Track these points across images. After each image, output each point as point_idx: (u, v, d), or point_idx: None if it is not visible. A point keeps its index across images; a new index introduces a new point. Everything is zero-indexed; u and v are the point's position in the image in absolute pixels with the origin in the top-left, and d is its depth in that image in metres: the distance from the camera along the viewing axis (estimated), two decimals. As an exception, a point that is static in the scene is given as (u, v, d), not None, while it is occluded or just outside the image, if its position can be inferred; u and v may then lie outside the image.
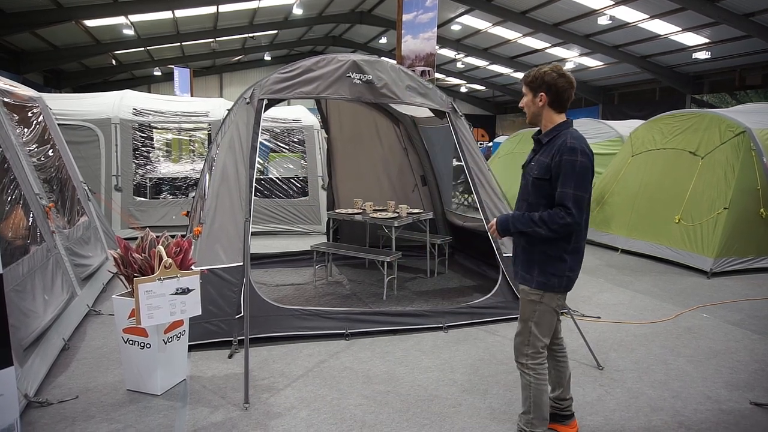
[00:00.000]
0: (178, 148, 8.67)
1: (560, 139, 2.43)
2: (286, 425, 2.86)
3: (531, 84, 2.52)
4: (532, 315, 2.52)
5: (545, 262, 2.48)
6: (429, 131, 6.51)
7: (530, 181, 2.51)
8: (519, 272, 2.61)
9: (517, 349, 2.58)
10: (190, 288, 3.17)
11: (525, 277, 2.56)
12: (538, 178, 2.45)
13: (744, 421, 2.96)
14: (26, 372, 2.98)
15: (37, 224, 3.84)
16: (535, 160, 2.54)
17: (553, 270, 2.47)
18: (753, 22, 13.37)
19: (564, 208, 2.35)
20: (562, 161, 2.36)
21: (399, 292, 5.23)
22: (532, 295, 2.52)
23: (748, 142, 6.36)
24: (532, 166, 2.54)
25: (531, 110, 2.56)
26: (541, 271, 2.49)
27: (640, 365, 3.72)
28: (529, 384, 2.53)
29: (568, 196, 2.35)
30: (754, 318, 4.79)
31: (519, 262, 2.62)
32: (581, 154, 2.37)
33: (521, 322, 2.58)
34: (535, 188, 2.48)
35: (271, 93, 4.17)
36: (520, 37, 18.72)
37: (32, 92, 5.00)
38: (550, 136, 2.50)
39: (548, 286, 2.48)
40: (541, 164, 2.46)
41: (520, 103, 2.64)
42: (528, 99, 2.56)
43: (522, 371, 2.56)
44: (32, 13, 13.50)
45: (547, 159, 2.44)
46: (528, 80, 2.54)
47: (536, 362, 2.52)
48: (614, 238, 7.61)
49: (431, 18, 10.17)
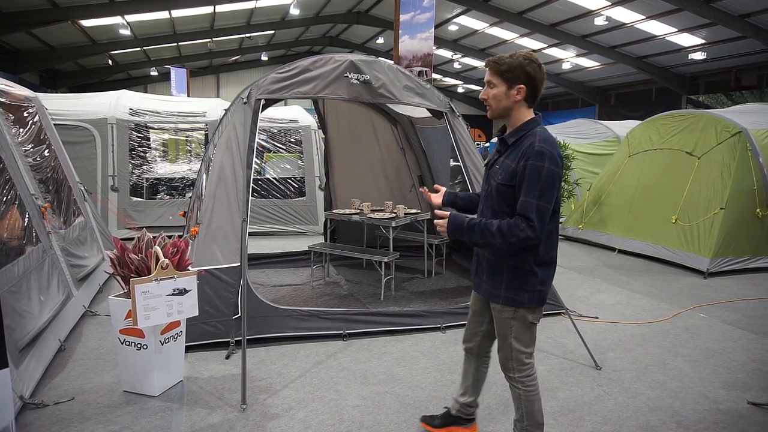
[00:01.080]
0: (174, 148, 8.64)
1: (528, 140, 2.17)
2: (283, 426, 2.85)
3: (507, 74, 2.20)
4: (510, 331, 2.32)
5: (513, 277, 2.26)
6: (426, 131, 6.50)
7: (494, 186, 2.26)
8: (483, 285, 2.39)
9: (503, 362, 2.41)
10: (187, 289, 3.15)
11: (492, 293, 2.32)
12: (503, 184, 2.20)
13: (742, 421, 2.97)
14: (22, 373, 2.95)
15: (32, 225, 3.82)
16: (499, 162, 2.27)
17: (522, 285, 2.25)
18: (748, 23, 13.42)
19: (526, 219, 2.09)
20: (528, 166, 2.11)
21: (397, 293, 5.22)
22: (504, 312, 2.31)
23: (744, 143, 6.38)
24: (496, 170, 2.27)
25: (502, 104, 2.24)
26: (508, 287, 2.27)
27: (637, 365, 3.72)
28: (519, 396, 2.39)
29: (532, 207, 2.09)
30: (751, 318, 4.81)
31: (483, 273, 2.39)
32: (549, 160, 2.10)
33: (500, 338, 2.38)
34: (500, 195, 2.23)
35: (268, 93, 4.15)
36: (517, 38, 18.74)
37: (28, 92, 4.98)
38: (517, 135, 2.23)
39: (518, 302, 2.26)
40: (506, 168, 2.21)
41: (482, 95, 2.28)
42: (500, 91, 2.22)
43: (511, 384, 2.42)
44: (28, 13, 13.44)
45: (512, 163, 2.18)
46: (502, 69, 2.20)
47: (523, 374, 2.36)
48: (611, 239, 7.61)
49: (428, 18, 10.17)
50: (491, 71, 2.23)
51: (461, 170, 4.77)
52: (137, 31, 17.44)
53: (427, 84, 4.75)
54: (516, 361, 2.35)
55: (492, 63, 2.23)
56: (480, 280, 2.42)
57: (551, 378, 3.48)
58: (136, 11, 15.26)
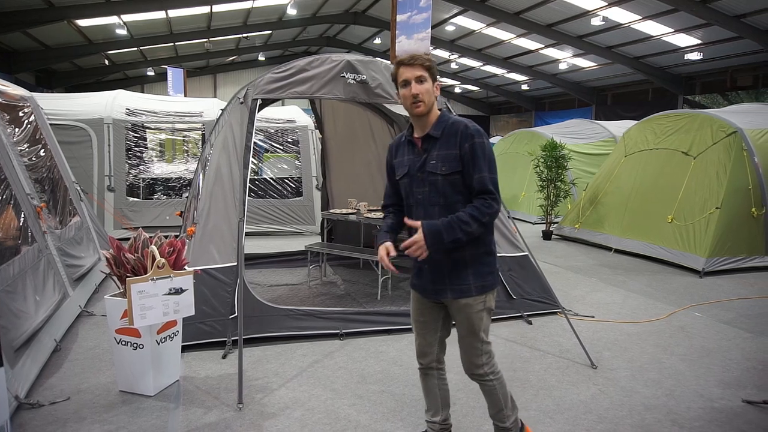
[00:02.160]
0: (171, 148, 8.63)
1: (456, 126, 2.20)
2: (279, 425, 2.85)
3: (432, 70, 2.21)
4: (480, 324, 2.26)
5: (477, 263, 2.24)
6: (423, 131, 6.50)
7: (439, 180, 2.20)
8: (447, 289, 2.25)
9: (470, 363, 2.32)
10: (184, 288, 3.15)
11: (462, 290, 2.23)
12: (450, 173, 2.17)
13: (736, 419, 2.98)
14: (17, 373, 2.95)
15: (28, 224, 3.81)
16: (433, 157, 2.21)
17: (486, 269, 2.26)
18: (744, 23, 13.48)
19: (488, 194, 2.15)
20: (475, 145, 2.15)
21: (393, 292, 5.23)
22: (477, 304, 2.24)
23: (740, 142, 6.41)
24: (433, 165, 2.20)
25: (430, 99, 2.21)
26: (476, 274, 2.23)
27: (633, 364, 3.73)
28: (494, 389, 2.34)
29: (489, 180, 2.15)
30: (746, 317, 4.82)
31: (443, 276, 2.25)
32: (485, 136, 2.21)
33: (468, 336, 2.28)
34: (450, 186, 2.19)
35: (264, 93, 4.16)
36: (514, 38, 18.78)
37: (23, 92, 4.97)
38: (440, 128, 2.22)
39: (486, 287, 2.25)
40: (447, 158, 2.18)
41: (414, 90, 2.18)
42: (430, 86, 2.20)
43: (482, 381, 2.34)
44: (24, 13, 13.41)
45: (452, 150, 2.18)
46: (428, 64, 2.20)
47: (491, 365, 2.33)
48: (607, 238, 7.63)
49: (425, 18, 10.17)
50: (421, 67, 2.19)
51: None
52: (134, 31, 17.41)
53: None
54: (485, 353, 2.31)
55: (420, 59, 2.19)
56: (439, 285, 2.27)
57: (547, 377, 3.49)
58: (132, 11, 15.24)
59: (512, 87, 26.31)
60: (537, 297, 4.65)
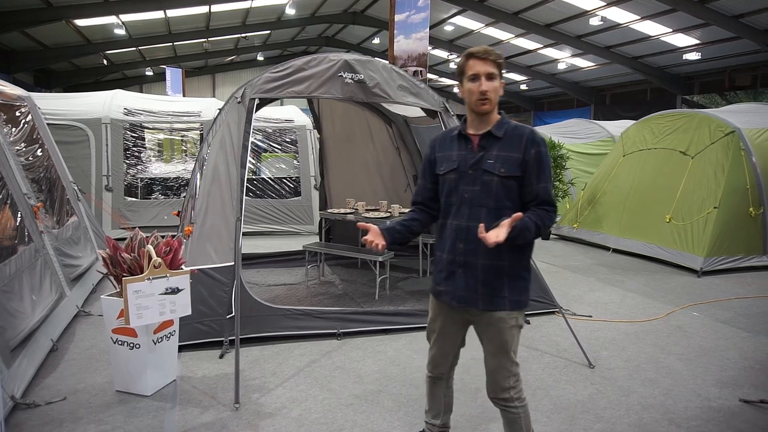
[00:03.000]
0: (169, 148, 8.62)
1: (521, 130, 2.14)
2: (276, 425, 2.84)
3: (501, 67, 2.12)
4: (513, 342, 2.13)
5: (515, 276, 2.11)
6: (421, 131, 6.50)
7: (494, 181, 2.09)
8: (479, 298, 2.12)
9: (497, 385, 2.17)
10: (180, 288, 3.14)
11: (494, 300, 2.11)
12: (510, 176, 2.08)
13: (733, 419, 2.98)
14: (13, 373, 2.94)
15: (25, 224, 3.80)
16: (492, 156, 2.11)
17: (523, 283, 2.14)
18: (742, 23, 13.49)
19: (551, 206, 2.10)
20: (541, 153, 2.09)
21: (391, 292, 5.22)
22: (510, 320, 2.11)
23: (738, 142, 6.41)
24: (491, 164, 2.10)
25: (497, 98, 2.12)
26: (512, 288, 2.11)
27: (631, 363, 3.73)
28: (518, 417, 2.18)
29: (549, 191, 2.12)
30: (744, 316, 4.83)
31: (476, 283, 2.12)
32: (547, 146, 2.18)
33: (499, 355, 2.14)
34: (504, 189, 2.09)
35: (262, 92, 4.15)
36: (513, 38, 18.77)
37: (21, 91, 4.95)
38: (504, 128, 2.14)
39: (521, 304, 2.12)
40: (508, 160, 2.08)
41: (484, 87, 2.08)
42: (499, 84, 2.11)
43: (505, 407, 2.18)
44: (22, 12, 13.39)
45: (516, 153, 2.09)
46: (500, 61, 2.11)
47: (518, 389, 2.18)
48: (606, 238, 7.64)
49: (423, 18, 10.18)
50: (494, 63, 2.08)
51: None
52: (132, 30, 17.39)
53: (421, 83, 4.76)
54: (514, 375, 2.16)
55: (491, 54, 2.09)
56: (470, 292, 2.13)
57: (544, 376, 3.49)
58: (130, 11, 15.23)
59: (511, 87, 26.30)
60: (535, 296, 4.64)
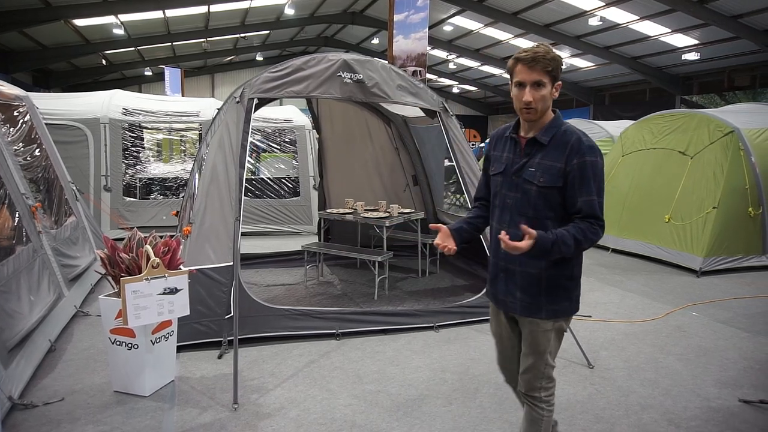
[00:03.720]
0: (168, 148, 8.61)
1: (568, 136, 2.00)
2: (275, 425, 2.83)
3: (553, 72, 1.97)
4: (548, 345, 2.11)
5: (555, 285, 2.06)
6: (420, 131, 6.50)
7: (533, 191, 2.01)
8: (517, 302, 2.11)
9: (529, 384, 2.15)
10: (179, 288, 3.13)
11: (530, 308, 2.08)
12: (549, 186, 1.98)
13: (733, 419, 2.98)
14: (11, 374, 2.93)
15: (23, 224, 3.79)
16: (534, 164, 2.02)
17: (564, 293, 2.07)
18: (741, 23, 13.49)
19: (596, 220, 1.95)
20: (586, 163, 1.95)
21: (390, 292, 5.22)
22: (545, 325, 2.09)
23: (737, 142, 6.41)
24: (531, 173, 2.02)
25: (545, 106, 2.01)
26: (550, 297, 2.06)
27: (630, 364, 3.73)
28: (540, 418, 2.14)
29: (597, 205, 1.95)
30: (743, 316, 4.82)
31: (514, 288, 2.11)
32: (599, 154, 2.00)
33: (532, 356, 2.12)
34: (544, 199, 2.00)
35: (261, 92, 4.14)
36: (512, 38, 18.76)
37: (19, 91, 4.94)
38: (550, 134, 2.03)
39: (560, 313, 2.08)
40: (549, 169, 1.99)
41: (527, 97, 1.97)
42: (548, 91, 1.99)
43: (533, 405, 2.16)
44: (21, 12, 13.36)
45: (557, 162, 1.98)
46: (550, 68, 1.96)
47: (549, 393, 2.15)
48: (605, 238, 7.61)
49: (422, 18, 10.18)
50: (542, 71, 1.96)
51: (455, 170, 4.77)
52: (131, 30, 17.37)
53: (420, 83, 4.75)
54: (546, 378, 2.14)
55: (540, 60, 1.95)
56: (510, 297, 2.13)
57: (544, 376, 3.49)
58: (129, 11, 15.19)
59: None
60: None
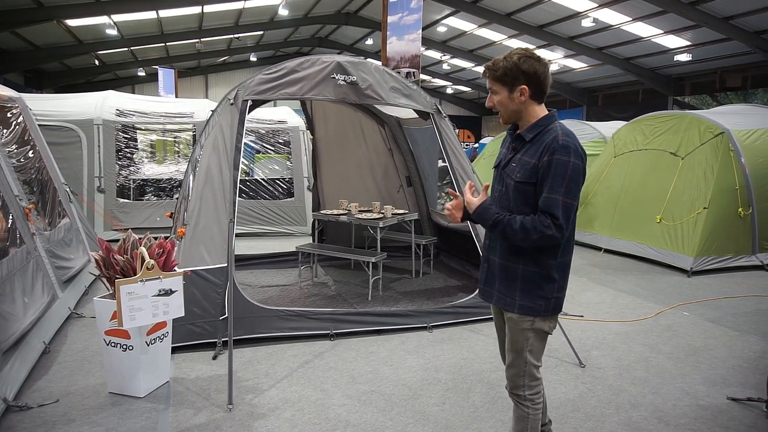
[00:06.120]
0: (162, 149, 8.59)
1: (549, 134, 2.04)
2: (269, 426, 2.85)
3: (504, 78, 2.08)
4: (526, 344, 2.15)
5: (530, 282, 2.10)
6: (414, 132, 6.53)
7: (511, 185, 2.10)
8: (495, 293, 2.20)
9: (512, 381, 2.21)
10: (173, 289, 3.15)
11: (505, 301, 2.16)
12: (522, 182, 2.06)
13: (721, 416, 3.03)
14: (5, 376, 2.93)
15: (16, 226, 3.79)
16: (516, 160, 2.12)
17: (539, 292, 2.10)
18: (732, 25, 13.62)
19: (551, 216, 1.97)
20: (553, 161, 1.98)
21: (384, 293, 5.24)
22: (522, 323, 2.13)
23: (727, 143, 6.48)
24: (513, 168, 2.11)
25: (509, 109, 2.12)
26: (524, 293, 2.10)
27: (621, 363, 3.77)
28: (527, 416, 2.18)
29: (557, 204, 1.97)
30: (732, 315, 4.89)
31: (494, 280, 2.20)
32: (574, 154, 1.99)
33: (512, 352, 2.18)
34: (519, 194, 2.08)
35: (255, 94, 4.16)
36: (506, 39, 18.85)
37: (12, 92, 4.93)
38: (535, 131, 2.09)
39: (534, 311, 2.10)
40: (524, 165, 2.07)
41: (488, 103, 2.19)
42: (503, 96, 2.11)
43: (518, 403, 2.20)
44: (12, 12, 13.29)
45: (532, 159, 2.04)
46: (498, 75, 2.09)
47: (534, 392, 2.19)
48: (597, 238, 7.69)
49: (416, 19, 10.22)
50: (489, 78, 2.13)
51: (448, 171, 4.80)
52: (124, 31, 17.31)
53: (413, 85, 4.78)
54: (529, 376, 2.18)
55: (488, 69, 2.13)
56: (491, 288, 2.23)
57: (536, 376, 3.52)
58: (122, 11, 15.14)
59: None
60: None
